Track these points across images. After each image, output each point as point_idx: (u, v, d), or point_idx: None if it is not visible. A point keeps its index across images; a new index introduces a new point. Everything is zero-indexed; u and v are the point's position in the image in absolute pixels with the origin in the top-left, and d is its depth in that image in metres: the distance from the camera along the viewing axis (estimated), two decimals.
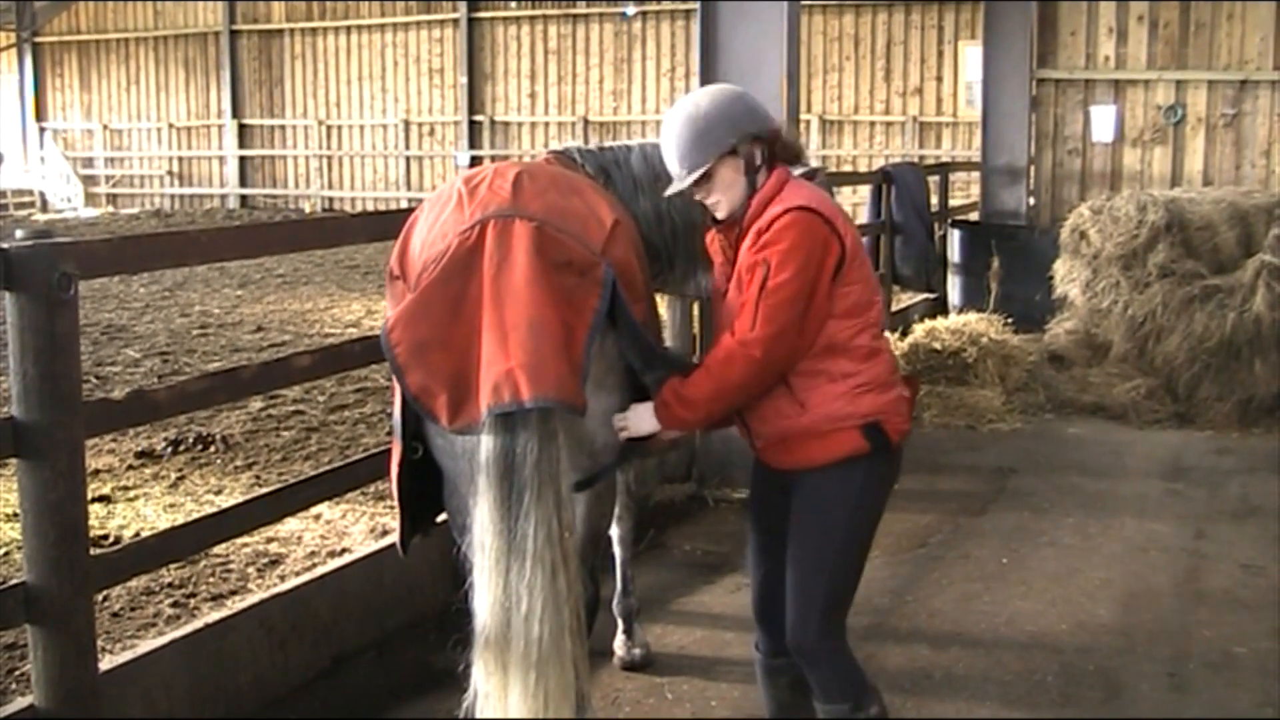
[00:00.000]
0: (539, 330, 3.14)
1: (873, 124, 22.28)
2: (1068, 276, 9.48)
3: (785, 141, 3.45)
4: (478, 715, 3.24)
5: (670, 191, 3.51)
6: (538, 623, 3.12)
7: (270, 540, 5.93)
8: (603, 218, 3.48)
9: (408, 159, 26.09)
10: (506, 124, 25.31)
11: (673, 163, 3.43)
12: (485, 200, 3.35)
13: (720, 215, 3.43)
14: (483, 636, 3.19)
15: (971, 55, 19.76)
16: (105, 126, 29.26)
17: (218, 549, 5.52)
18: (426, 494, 3.53)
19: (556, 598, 3.15)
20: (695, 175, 3.37)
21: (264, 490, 5.78)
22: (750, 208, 3.35)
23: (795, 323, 3.21)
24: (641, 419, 3.38)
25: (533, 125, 25.07)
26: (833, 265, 3.25)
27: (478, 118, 25.48)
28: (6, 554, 5.78)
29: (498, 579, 3.14)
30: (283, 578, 5.40)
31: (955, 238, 11.59)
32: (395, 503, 3.57)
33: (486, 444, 3.14)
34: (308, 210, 26.63)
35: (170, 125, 28.56)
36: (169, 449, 7.52)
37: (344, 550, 5.72)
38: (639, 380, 3.49)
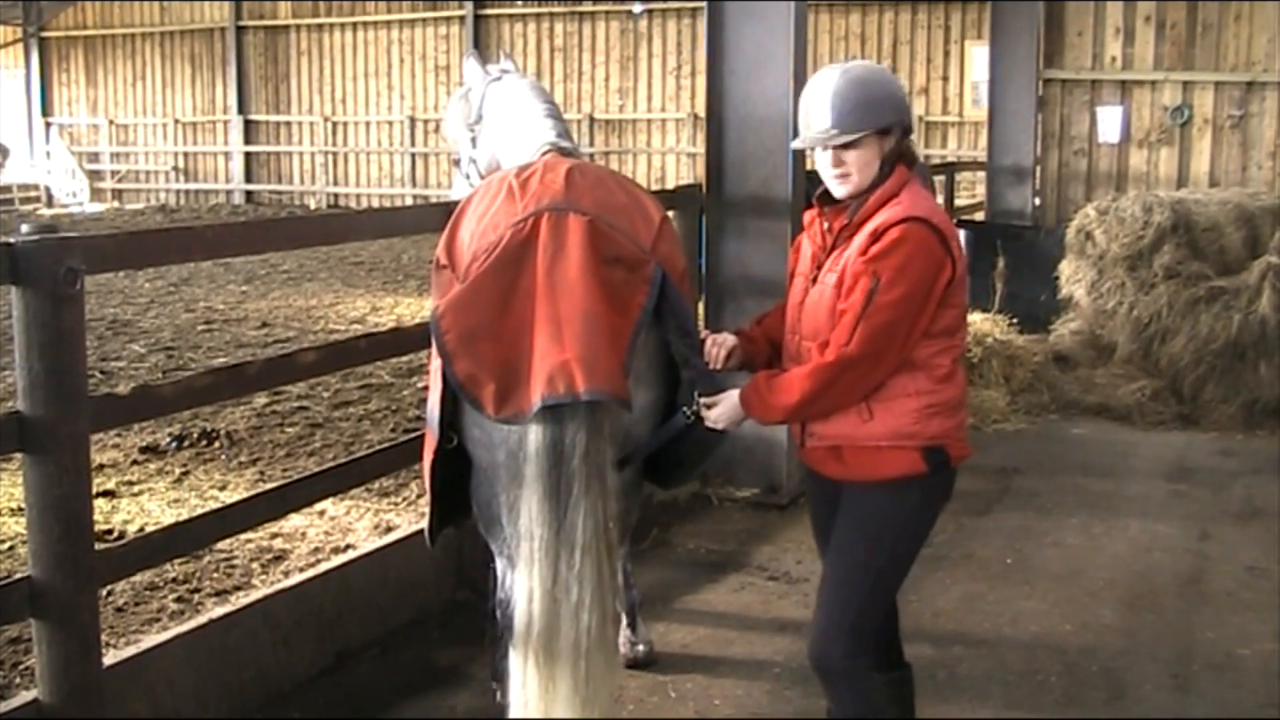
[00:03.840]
0: (593, 324, 3.17)
1: None
2: (1073, 277, 9.47)
3: (910, 143, 3.31)
4: (518, 703, 3.27)
5: (801, 143, 3.26)
6: (586, 612, 3.17)
7: (274, 536, 5.94)
8: (650, 215, 3.53)
9: (413, 156, 26.10)
10: None
11: (821, 116, 3.17)
12: (538, 193, 3.38)
13: (841, 193, 3.22)
14: (525, 626, 3.22)
15: (978, 55, 19.76)
16: (111, 122, 29.30)
17: (222, 544, 5.53)
18: (457, 485, 3.54)
19: (602, 587, 3.20)
20: (845, 139, 3.15)
21: (268, 486, 5.78)
22: (866, 203, 3.17)
23: (897, 345, 3.08)
24: (729, 410, 3.27)
25: None
26: (942, 287, 3.12)
27: None
28: (11, 548, 5.79)
29: (547, 569, 3.17)
30: (287, 574, 5.40)
31: (961, 237, 11.55)
32: (428, 492, 3.58)
33: (535, 435, 3.17)
34: (312, 207, 26.66)
35: (176, 121, 28.60)
36: (173, 444, 7.53)
37: (348, 546, 5.73)
38: (674, 375, 3.51)
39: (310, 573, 4.78)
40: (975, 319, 9.57)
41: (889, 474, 3.17)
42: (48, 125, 30.00)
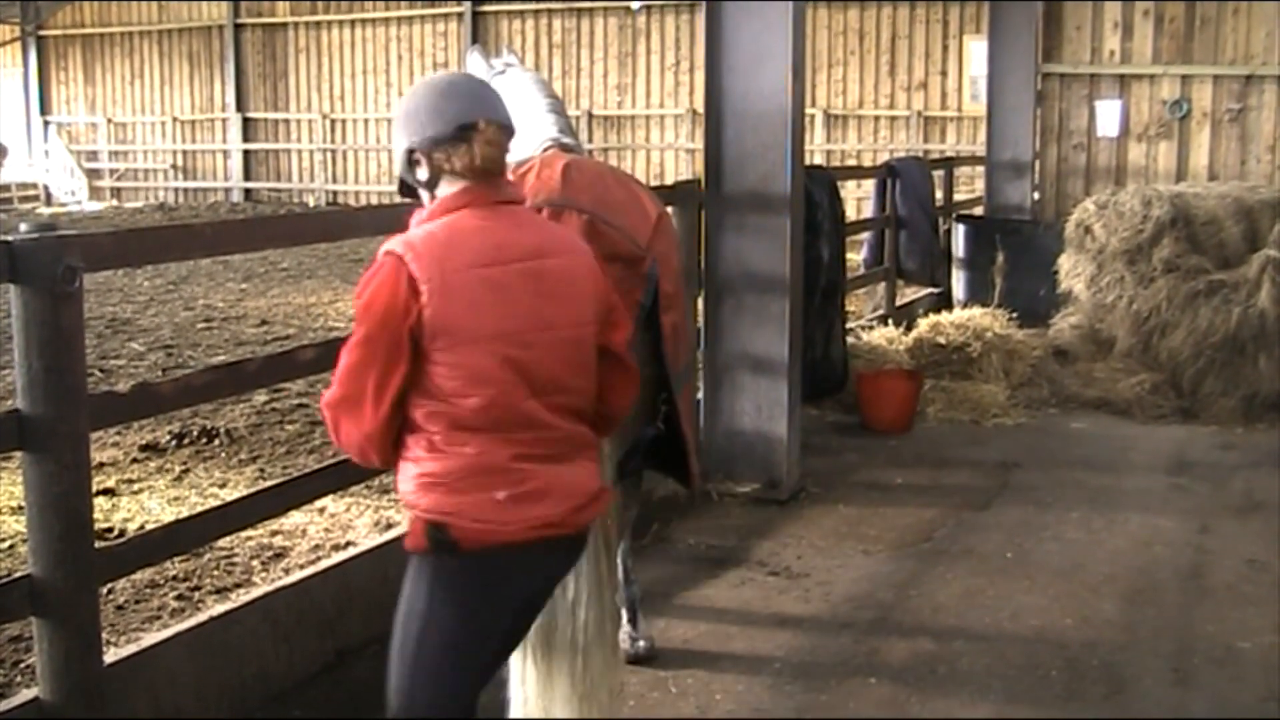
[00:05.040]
0: None
1: (877, 119, 22.25)
2: (1072, 271, 9.47)
3: (437, 157, 2.81)
4: (518, 700, 3.28)
5: None
6: (584, 608, 3.18)
7: (274, 533, 5.94)
8: (648, 211, 3.54)
9: None
10: None
11: None
12: (535, 189, 3.39)
13: None
14: None
15: (976, 50, 19.73)
16: (109, 120, 29.27)
17: (222, 542, 5.53)
18: None
19: (600, 583, 3.21)
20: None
21: (268, 483, 5.78)
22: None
23: (369, 395, 2.71)
24: None
25: None
26: (408, 332, 2.68)
27: None
28: (11, 547, 5.79)
29: None
30: (287, 571, 5.41)
31: (960, 232, 11.58)
32: None
33: None
34: (311, 205, 26.65)
35: (174, 119, 28.56)
36: (173, 442, 7.52)
37: (348, 543, 5.73)
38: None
39: (311, 570, 4.77)
40: (975, 313, 9.59)
41: (408, 543, 2.83)
42: (46, 124, 29.96)
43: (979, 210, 12.90)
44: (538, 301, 2.78)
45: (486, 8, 25.20)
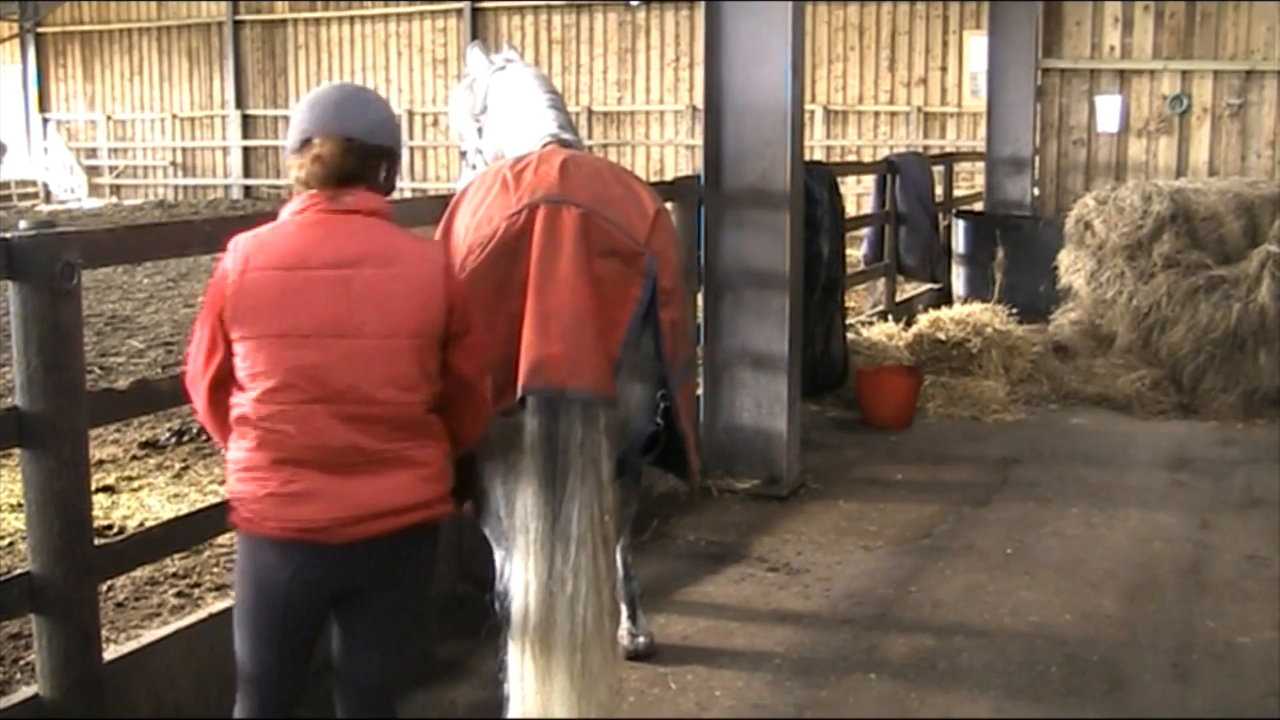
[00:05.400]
0: (580, 322, 3.19)
1: (877, 114, 22.24)
2: (1072, 267, 9.46)
3: (303, 168, 2.92)
4: (516, 697, 3.28)
5: None
6: (582, 605, 3.18)
7: None
8: (645, 207, 3.53)
9: (411, 149, 26.04)
10: None
11: None
12: (533, 185, 3.39)
13: None
14: (522, 619, 3.23)
15: (976, 45, 19.72)
16: (109, 117, 29.26)
17: (222, 539, 5.49)
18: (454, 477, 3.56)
19: (598, 579, 3.21)
20: None
21: None
22: None
23: (198, 366, 2.91)
24: None
25: None
26: (216, 314, 2.85)
27: None
28: (11, 544, 5.79)
29: (542, 562, 3.19)
30: None
31: (960, 228, 11.58)
32: None
33: (531, 426, 3.18)
34: None
35: (174, 116, 28.55)
36: (173, 439, 7.53)
37: None
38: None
39: None
40: (975, 309, 9.58)
41: None
42: (45, 121, 29.95)
43: (979, 206, 12.90)
44: (340, 308, 2.80)
45: (486, 4, 25.18)
